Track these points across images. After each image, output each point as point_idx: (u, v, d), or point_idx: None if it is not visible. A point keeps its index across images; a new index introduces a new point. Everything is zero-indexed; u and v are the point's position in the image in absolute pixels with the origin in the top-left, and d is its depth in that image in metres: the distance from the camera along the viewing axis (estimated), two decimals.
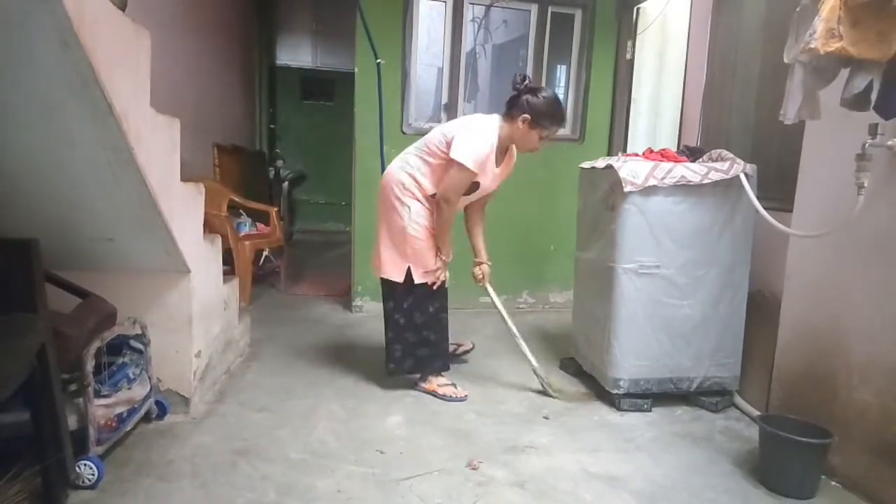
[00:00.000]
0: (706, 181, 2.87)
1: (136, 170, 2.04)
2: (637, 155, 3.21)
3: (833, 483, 2.42)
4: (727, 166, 2.90)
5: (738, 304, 3.05)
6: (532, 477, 2.37)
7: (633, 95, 4.85)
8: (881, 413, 2.28)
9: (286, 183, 7.83)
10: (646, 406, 3.03)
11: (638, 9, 4.71)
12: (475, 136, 2.89)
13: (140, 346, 2.52)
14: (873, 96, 1.95)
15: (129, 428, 2.37)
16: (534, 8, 4.79)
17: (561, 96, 5.10)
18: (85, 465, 2.08)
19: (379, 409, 2.93)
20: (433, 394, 3.11)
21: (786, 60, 2.09)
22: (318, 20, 8.45)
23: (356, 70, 4.45)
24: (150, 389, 2.52)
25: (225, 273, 3.26)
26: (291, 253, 6.13)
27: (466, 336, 4.10)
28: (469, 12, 4.72)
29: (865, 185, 2.18)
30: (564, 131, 5.01)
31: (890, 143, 2.20)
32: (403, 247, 3.03)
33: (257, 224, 5.11)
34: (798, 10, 2.03)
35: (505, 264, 4.66)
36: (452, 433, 2.71)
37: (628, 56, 4.79)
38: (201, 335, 2.81)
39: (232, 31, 6.42)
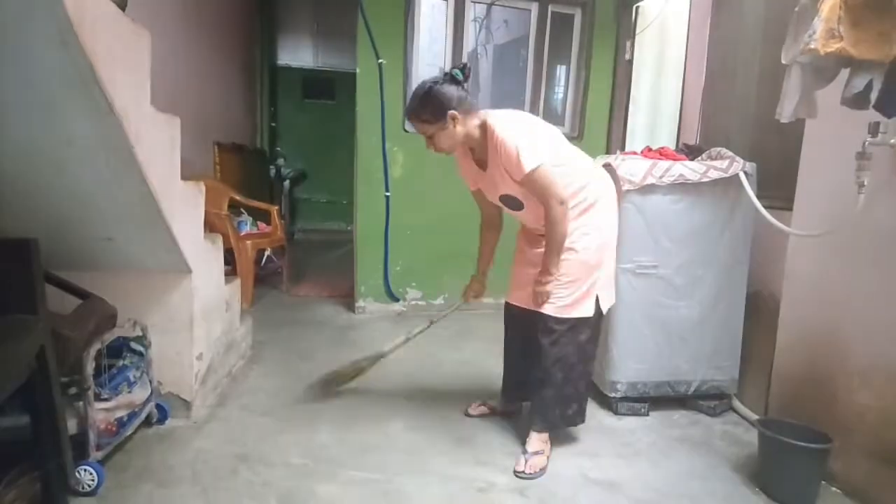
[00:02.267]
0: (705, 180, 2.86)
1: (137, 169, 2.04)
2: (635, 153, 3.20)
3: (833, 489, 2.40)
4: (726, 165, 2.89)
5: (736, 304, 3.04)
6: (532, 482, 2.37)
7: (632, 94, 4.84)
8: (882, 417, 2.27)
9: (287, 182, 7.83)
10: (643, 410, 3.01)
11: (637, 8, 4.70)
12: None
13: (141, 349, 2.51)
14: (873, 95, 1.94)
15: (129, 432, 2.36)
16: (534, 7, 4.78)
17: (560, 95, 5.13)
18: (85, 470, 2.07)
19: (381, 414, 2.92)
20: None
21: (784, 61, 2.09)
22: (319, 20, 8.44)
23: (357, 70, 4.44)
24: (151, 393, 2.52)
25: (226, 273, 3.25)
26: (292, 253, 6.13)
27: (466, 340, 4.11)
28: (471, 12, 4.72)
29: (866, 183, 2.17)
30: (563, 129, 5.01)
31: (892, 141, 2.19)
32: None
33: (258, 223, 5.11)
34: (797, 9, 2.03)
35: (505, 264, 4.66)
36: (454, 438, 2.70)
37: (627, 55, 4.78)
38: (203, 337, 2.81)
39: (233, 31, 6.42)
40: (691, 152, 3.16)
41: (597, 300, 2.48)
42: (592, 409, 3.09)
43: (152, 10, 3.57)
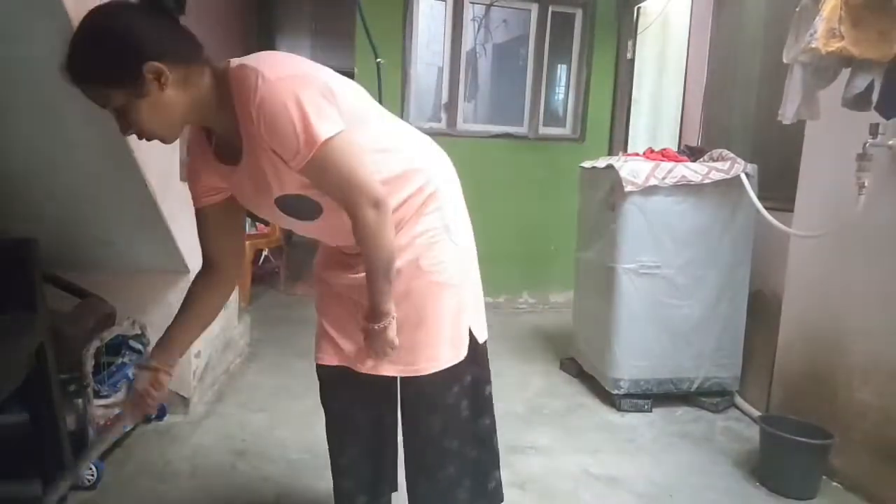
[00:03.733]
0: (707, 181, 2.87)
1: (136, 170, 2.04)
2: (638, 155, 3.21)
3: (834, 484, 2.41)
4: (728, 166, 2.90)
5: (738, 304, 3.05)
6: (532, 478, 2.37)
7: (634, 95, 4.85)
8: (882, 414, 2.28)
9: None
10: (646, 406, 3.03)
11: (638, 8, 4.70)
12: None
13: (139, 347, 2.52)
14: (874, 96, 1.94)
15: (128, 428, 2.37)
16: (534, 7, 4.78)
17: (561, 96, 5.12)
18: None
19: None
20: None
21: (785, 60, 2.09)
22: (317, 20, 8.43)
23: (356, 70, 4.44)
24: None
25: None
26: (290, 253, 6.13)
27: None
28: (469, 11, 4.72)
29: (866, 184, 2.18)
30: (565, 131, 5.01)
31: (891, 142, 2.20)
32: None
33: (257, 224, 5.10)
34: (798, 9, 2.03)
35: (505, 264, 4.66)
36: None
37: (629, 55, 4.79)
38: (200, 335, 2.80)
39: (231, 31, 6.41)
40: (693, 154, 3.17)
41: (470, 332, 1.61)
42: (595, 405, 3.10)
43: None
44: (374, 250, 1.37)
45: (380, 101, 4.59)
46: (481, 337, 1.65)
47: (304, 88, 1.26)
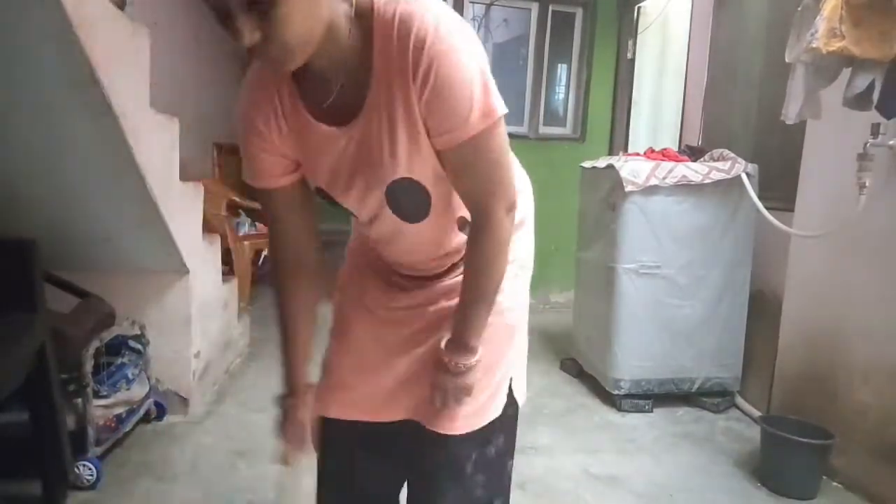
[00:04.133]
0: (707, 181, 2.87)
1: (136, 169, 2.04)
2: (638, 154, 3.21)
3: (834, 484, 2.41)
4: (728, 166, 2.90)
5: (739, 304, 3.05)
6: (532, 478, 2.37)
7: (634, 95, 4.85)
8: (882, 414, 2.28)
9: None
10: (647, 407, 3.02)
11: (639, 8, 4.70)
12: None
13: (139, 347, 2.52)
14: (875, 96, 1.94)
15: (128, 428, 2.37)
16: (534, 7, 4.78)
17: (561, 95, 5.11)
18: (84, 465, 2.07)
19: None
20: None
21: (787, 60, 2.09)
22: None
23: None
24: (149, 390, 2.52)
25: (224, 273, 3.26)
26: None
27: None
28: (469, 11, 4.72)
29: (867, 184, 2.18)
30: (565, 131, 5.00)
31: (891, 142, 2.20)
32: None
33: (257, 224, 5.08)
34: (800, 9, 2.03)
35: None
36: None
37: (629, 55, 4.79)
38: (200, 335, 2.81)
39: None
40: (694, 154, 3.17)
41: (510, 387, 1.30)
42: (595, 405, 3.10)
43: (152, 10, 3.56)
44: (490, 266, 1.09)
45: None
46: (521, 396, 1.34)
47: (482, 51, 1.00)
